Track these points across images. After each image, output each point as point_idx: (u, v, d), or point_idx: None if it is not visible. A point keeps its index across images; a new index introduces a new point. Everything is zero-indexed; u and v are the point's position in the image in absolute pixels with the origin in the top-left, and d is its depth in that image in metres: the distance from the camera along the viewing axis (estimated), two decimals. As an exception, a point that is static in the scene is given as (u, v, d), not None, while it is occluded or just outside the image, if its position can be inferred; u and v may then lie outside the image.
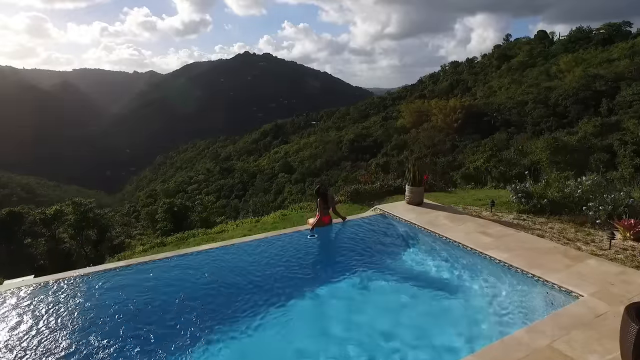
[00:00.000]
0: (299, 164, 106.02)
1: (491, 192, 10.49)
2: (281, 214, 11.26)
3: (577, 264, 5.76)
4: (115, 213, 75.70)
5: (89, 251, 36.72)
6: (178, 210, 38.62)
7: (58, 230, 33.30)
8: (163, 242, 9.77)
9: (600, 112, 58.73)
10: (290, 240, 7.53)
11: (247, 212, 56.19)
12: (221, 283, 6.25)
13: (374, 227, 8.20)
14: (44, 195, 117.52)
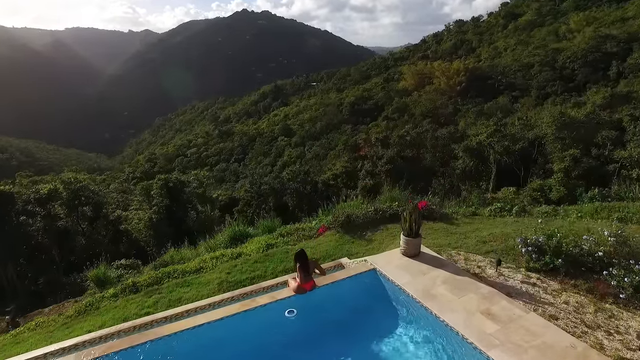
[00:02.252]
0: (298, 127, 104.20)
1: (497, 228, 9.41)
2: (266, 245, 10.32)
3: (599, 382, 4.83)
4: (114, 180, 75.49)
5: (85, 227, 36.50)
6: (173, 185, 37.97)
7: (53, 208, 32.81)
8: (135, 285, 8.88)
9: (609, 76, 56.13)
10: (263, 318, 6.56)
11: (245, 178, 55.42)
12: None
13: (360, 299, 7.27)
14: (43, 159, 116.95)
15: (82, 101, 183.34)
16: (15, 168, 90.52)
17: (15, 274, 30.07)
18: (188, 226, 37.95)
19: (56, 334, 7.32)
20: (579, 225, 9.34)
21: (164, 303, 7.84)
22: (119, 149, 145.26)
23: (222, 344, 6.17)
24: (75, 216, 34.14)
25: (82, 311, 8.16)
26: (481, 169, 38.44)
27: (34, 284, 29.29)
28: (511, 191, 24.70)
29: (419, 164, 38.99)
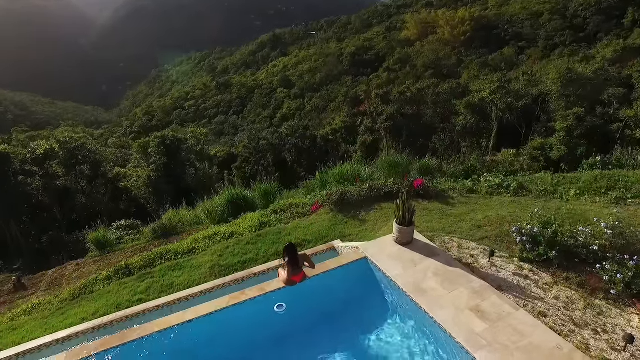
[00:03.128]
0: (298, 78, 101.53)
1: (493, 210, 9.25)
2: (259, 223, 10.24)
3: (582, 388, 4.89)
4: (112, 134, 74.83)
5: (84, 186, 36.65)
6: (171, 143, 37.69)
7: (50, 167, 32.74)
8: (128, 267, 8.91)
9: (624, 25, 53.48)
10: (253, 311, 6.57)
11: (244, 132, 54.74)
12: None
13: (351, 291, 7.27)
14: (39, 112, 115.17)
15: (77, 53, 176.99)
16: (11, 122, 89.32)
17: (18, 232, 30.58)
18: (187, 184, 38.05)
19: (51, 320, 7.42)
20: (577, 207, 9.18)
21: (156, 289, 7.88)
22: (116, 101, 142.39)
23: (212, 339, 6.24)
24: (74, 175, 34.12)
25: (77, 295, 8.23)
26: (482, 126, 37.83)
27: (37, 242, 29.87)
28: (511, 153, 24.34)
29: (419, 121, 38.30)
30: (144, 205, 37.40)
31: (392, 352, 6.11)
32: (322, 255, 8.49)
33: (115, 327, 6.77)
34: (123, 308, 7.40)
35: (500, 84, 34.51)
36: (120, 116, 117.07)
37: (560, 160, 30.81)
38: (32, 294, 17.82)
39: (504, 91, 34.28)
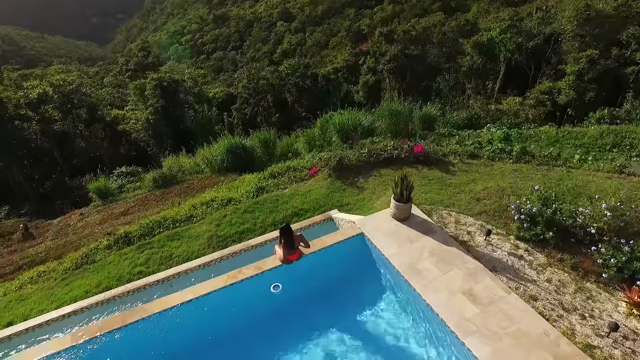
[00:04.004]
0: (298, 10, 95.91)
1: (493, 180, 9.08)
2: (256, 188, 10.18)
3: (564, 375, 5.12)
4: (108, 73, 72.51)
5: (82, 130, 36.29)
6: (168, 85, 36.77)
7: (46, 111, 32.19)
8: (128, 236, 9.01)
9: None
10: (250, 290, 6.71)
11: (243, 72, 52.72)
12: None
13: (347, 268, 7.39)
14: (29, 48, 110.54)
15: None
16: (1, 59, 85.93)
17: (21, 176, 30.84)
18: (186, 126, 37.61)
19: (56, 291, 7.66)
20: (580, 177, 9.02)
21: (156, 260, 8.03)
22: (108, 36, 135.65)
23: (211, 318, 6.45)
24: (71, 119, 33.59)
25: (79, 264, 8.41)
26: (489, 67, 36.39)
27: (41, 187, 30.24)
28: (516, 102, 23.63)
29: (423, 62, 36.69)
30: (144, 149, 37.29)
31: (387, 333, 6.34)
32: (319, 226, 8.53)
33: (118, 301, 6.99)
34: (124, 280, 7.60)
35: (511, 23, 32.50)
36: (115, 52, 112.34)
37: (567, 106, 29.94)
38: (40, 242, 18.38)
39: (514, 30, 32.39)
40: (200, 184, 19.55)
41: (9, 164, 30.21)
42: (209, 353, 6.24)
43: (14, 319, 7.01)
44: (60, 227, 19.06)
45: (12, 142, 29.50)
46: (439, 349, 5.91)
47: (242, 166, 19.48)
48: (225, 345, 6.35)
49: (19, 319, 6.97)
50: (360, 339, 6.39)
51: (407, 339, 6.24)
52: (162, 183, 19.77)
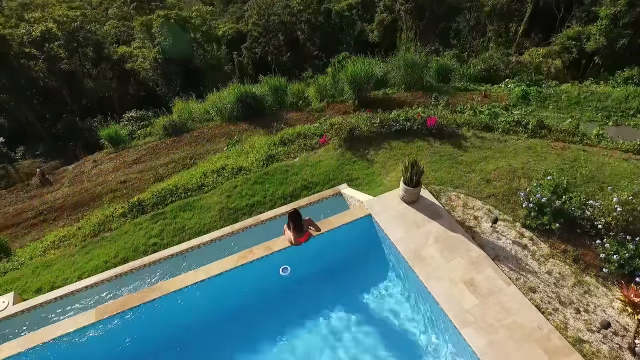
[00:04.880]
0: None
1: (505, 159, 8.93)
2: (266, 156, 10.19)
3: (552, 368, 5.49)
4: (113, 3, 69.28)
5: (90, 69, 35.65)
6: (175, 22, 35.37)
7: (52, 49, 31.45)
8: (141, 204, 9.27)
9: None
10: (259, 272, 7.02)
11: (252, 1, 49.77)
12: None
13: (354, 250, 7.62)
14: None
15: None
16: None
17: (33, 117, 30.97)
18: (195, 65, 36.72)
19: (77, 258, 8.11)
20: (595, 158, 8.82)
21: (169, 232, 8.34)
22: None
23: (223, 296, 6.86)
24: (78, 58, 32.80)
25: (97, 231, 8.79)
26: (514, 8, 34.03)
27: (54, 128, 30.48)
28: (540, 53, 22.31)
29: (442, 1, 34.29)
30: (153, 89, 36.77)
31: (389, 315, 6.73)
32: (328, 202, 8.67)
33: (136, 274, 7.42)
34: (140, 251, 7.98)
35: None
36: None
37: (595, 54, 28.31)
38: (57, 189, 19.01)
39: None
40: (210, 133, 19.56)
41: (18, 104, 30.20)
42: (221, 327, 6.73)
43: (42, 285, 7.54)
44: (75, 174, 19.56)
45: (19, 80, 29.20)
46: (437, 336, 6.29)
47: (252, 115, 19.30)
48: (238, 320, 6.81)
49: (47, 286, 7.49)
50: (363, 319, 6.81)
51: (408, 323, 6.63)
52: (173, 131, 19.84)
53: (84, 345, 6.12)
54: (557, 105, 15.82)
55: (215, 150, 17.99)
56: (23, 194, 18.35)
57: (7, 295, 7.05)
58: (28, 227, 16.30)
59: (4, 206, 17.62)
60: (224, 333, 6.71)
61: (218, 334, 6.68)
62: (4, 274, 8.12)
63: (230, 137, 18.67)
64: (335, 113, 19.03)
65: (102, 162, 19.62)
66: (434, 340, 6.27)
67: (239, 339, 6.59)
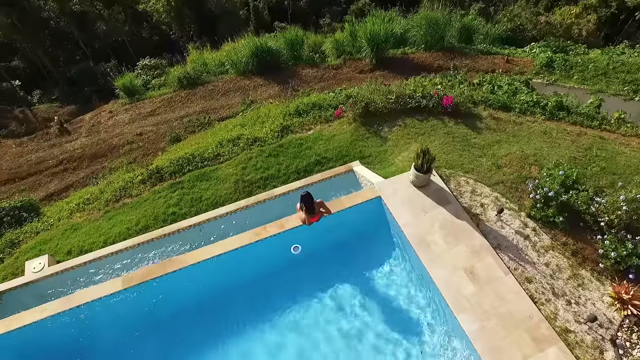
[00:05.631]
0: None
1: (518, 144, 8.92)
2: (281, 127, 10.31)
3: (537, 355, 5.98)
4: None
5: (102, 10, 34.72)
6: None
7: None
8: (159, 171, 9.60)
9: None
10: (272, 248, 7.47)
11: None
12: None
13: (363, 228, 7.96)
14: None
15: None
16: None
17: (47, 60, 30.81)
18: (209, 10, 35.58)
19: (102, 224, 8.66)
20: (610, 147, 8.79)
21: (187, 202, 8.77)
22: None
23: (238, 269, 7.38)
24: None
25: (118, 197, 9.26)
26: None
27: (68, 72, 30.41)
28: (572, 13, 20.97)
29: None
30: (167, 33, 35.91)
31: (392, 293, 7.24)
32: (340, 178, 8.92)
33: (157, 243, 7.96)
34: (160, 220, 8.48)
35: None
36: None
37: (636, 10, 26.67)
38: (76, 138, 19.55)
39: None
40: (224, 87, 19.50)
41: (31, 45, 29.93)
42: (234, 297, 7.33)
43: (71, 248, 8.16)
44: (92, 125, 19.94)
45: (30, 20, 28.71)
46: (434, 317, 6.81)
47: (267, 69, 19.09)
48: (250, 291, 7.40)
49: (76, 249, 8.11)
50: (367, 295, 7.33)
51: (409, 302, 7.13)
52: (187, 83, 19.82)
53: (111, 309, 6.79)
54: (582, 76, 15.25)
55: (230, 105, 18.03)
56: (43, 143, 18.92)
57: (42, 257, 7.70)
58: (50, 176, 17.02)
59: (27, 153, 18.28)
60: (235, 303, 7.31)
61: (230, 303, 7.29)
62: (36, 234, 8.75)
63: (244, 92, 18.60)
64: (351, 71, 18.67)
65: (117, 113, 19.89)
66: (431, 322, 6.79)
67: (249, 309, 7.21)
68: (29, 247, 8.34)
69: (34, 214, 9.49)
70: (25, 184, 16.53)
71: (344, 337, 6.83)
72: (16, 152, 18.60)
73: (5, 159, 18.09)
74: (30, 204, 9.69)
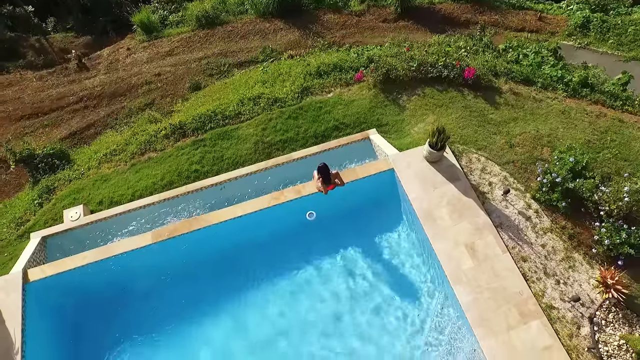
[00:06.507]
0: None
1: (534, 122, 8.98)
2: (301, 88, 10.42)
3: (520, 327, 6.72)
4: None
5: None
6: None
7: None
8: (182, 127, 9.95)
9: None
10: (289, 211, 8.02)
11: None
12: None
13: (375, 198, 8.43)
14: None
15: None
16: None
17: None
18: None
19: (129, 177, 9.23)
20: (627, 131, 8.84)
21: (209, 160, 9.23)
22: None
23: (257, 230, 8.02)
24: None
25: (143, 150, 9.74)
26: None
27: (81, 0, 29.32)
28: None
29: None
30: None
31: (397, 260, 7.93)
32: (356, 145, 9.24)
33: (181, 199, 8.57)
34: (183, 176, 9.01)
35: None
36: None
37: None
38: (95, 75, 19.69)
39: None
40: (243, 29, 19.06)
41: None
42: (252, 255, 8.09)
43: (102, 198, 8.83)
44: (110, 62, 19.89)
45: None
46: (434, 286, 7.52)
47: (288, 12, 18.49)
48: (270, 246, 8.15)
49: (106, 200, 8.79)
50: (374, 260, 8.03)
51: (411, 270, 7.83)
52: (206, 23, 19.35)
53: (142, 259, 7.59)
54: (618, 40, 14.54)
55: (249, 49, 17.74)
56: (63, 78, 19.06)
57: (78, 207, 8.41)
58: (71, 112, 17.44)
59: (47, 88, 18.53)
60: (253, 259, 8.08)
61: (248, 259, 8.07)
62: (69, 182, 9.41)
63: (263, 36, 18.19)
64: (375, 19, 17.99)
65: (135, 51, 19.71)
66: (430, 290, 7.52)
67: (266, 266, 7.99)
68: (64, 194, 9.03)
69: (65, 161, 10.07)
70: (48, 120, 17.01)
71: (351, 295, 7.62)
72: (37, 86, 18.85)
73: (27, 92, 18.41)
74: (61, 151, 10.25)
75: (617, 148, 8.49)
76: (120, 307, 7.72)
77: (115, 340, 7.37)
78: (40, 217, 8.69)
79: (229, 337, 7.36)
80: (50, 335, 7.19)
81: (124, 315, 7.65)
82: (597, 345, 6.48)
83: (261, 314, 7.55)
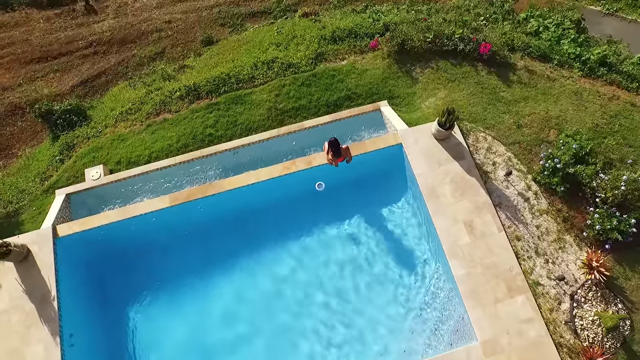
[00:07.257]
0: None
1: (545, 103, 9.02)
2: (315, 53, 10.37)
3: (506, 300, 7.37)
4: None
5: None
6: None
7: None
8: (197, 89, 10.05)
9: None
10: (299, 180, 8.42)
11: None
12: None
13: (382, 170, 8.76)
14: None
15: None
16: None
17: None
18: None
19: (145, 137, 9.53)
20: (638, 118, 8.92)
21: (223, 124, 9.48)
22: None
23: (268, 197, 8.49)
24: None
25: (158, 111, 9.95)
26: None
27: None
28: None
29: None
30: None
31: (400, 231, 8.47)
32: (367, 116, 9.40)
33: (196, 162, 8.93)
34: (198, 140, 9.31)
35: None
36: None
37: None
38: (103, 19, 19.31)
39: None
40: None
41: None
42: (264, 217, 8.65)
43: (120, 158, 9.22)
44: (119, 5, 19.33)
45: None
46: (432, 257, 8.11)
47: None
48: (280, 211, 8.69)
49: (124, 160, 9.18)
50: (377, 230, 8.56)
51: (412, 241, 8.38)
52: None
53: (161, 219, 8.15)
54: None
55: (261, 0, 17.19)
56: (71, 21, 18.64)
57: (98, 167, 8.83)
58: (81, 58, 17.32)
59: (55, 31, 18.21)
60: (265, 221, 8.65)
61: (260, 222, 8.63)
62: (87, 139, 9.75)
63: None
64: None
65: (145, 1, 19.10)
66: (428, 261, 8.11)
67: (275, 229, 8.59)
68: (83, 152, 9.41)
69: (82, 117, 10.33)
70: (58, 64, 16.92)
71: (353, 260, 8.26)
72: (44, 27, 18.49)
73: (35, 34, 18.12)
74: (78, 107, 10.46)
75: (623, 133, 8.64)
76: (141, 260, 8.42)
77: (137, 289, 8.16)
78: (62, 174, 9.14)
79: (241, 285, 8.22)
80: (79, 284, 7.95)
81: (144, 267, 8.38)
82: (573, 320, 7.15)
83: (269, 270, 8.29)
